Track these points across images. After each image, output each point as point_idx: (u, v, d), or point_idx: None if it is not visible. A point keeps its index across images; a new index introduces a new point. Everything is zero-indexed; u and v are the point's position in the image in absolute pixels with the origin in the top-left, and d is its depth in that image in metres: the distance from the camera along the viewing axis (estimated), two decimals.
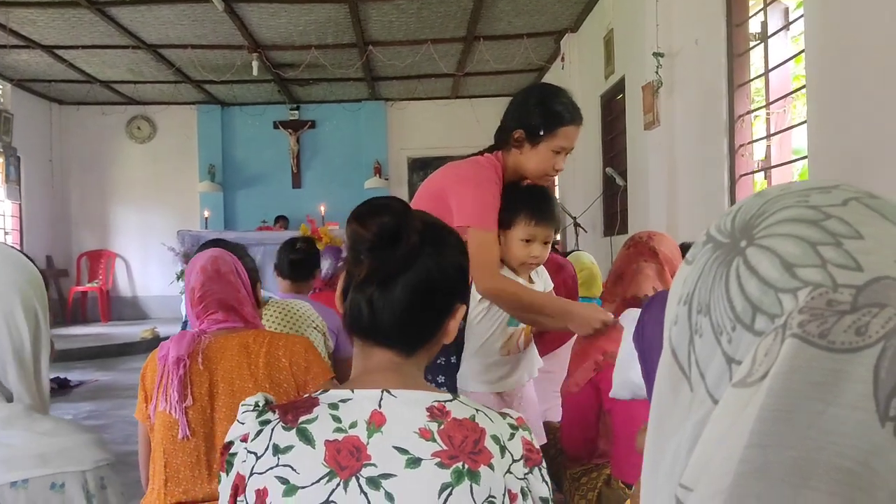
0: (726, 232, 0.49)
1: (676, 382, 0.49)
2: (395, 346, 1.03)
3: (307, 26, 7.53)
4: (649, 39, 5.01)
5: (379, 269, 0.99)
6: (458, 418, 0.97)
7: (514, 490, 0.96)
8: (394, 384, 0.99)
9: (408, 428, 0.95)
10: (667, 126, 4.99)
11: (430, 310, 1.03)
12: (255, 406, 1.00)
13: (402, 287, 1.00)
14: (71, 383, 6.01)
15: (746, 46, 4.23)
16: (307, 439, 0.93)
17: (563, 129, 2.21)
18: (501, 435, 0.99)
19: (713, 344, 0.47)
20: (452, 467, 0.93)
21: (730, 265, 0.47)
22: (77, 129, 10.68)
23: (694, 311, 0.49)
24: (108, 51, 8.09)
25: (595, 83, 6.98)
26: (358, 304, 1.01)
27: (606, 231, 6.71)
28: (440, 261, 1.03)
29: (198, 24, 7.31)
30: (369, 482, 0.91)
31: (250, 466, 0.94)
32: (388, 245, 0.99)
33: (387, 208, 1.03)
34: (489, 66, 8.71)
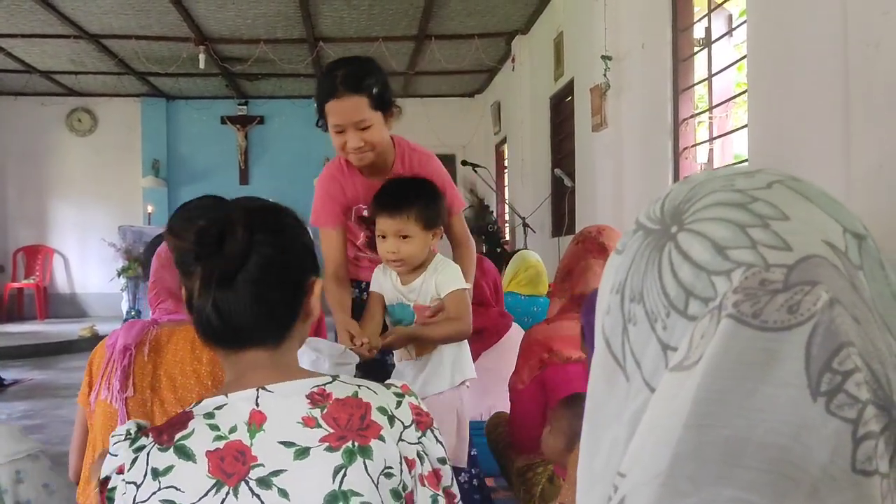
0: (656, 219, 0.49)
1: (611, 373, 0.49)
2: (258, 343, 0.99)
3: (256, 20, 7.42)
4: (598, 42, 5.07)
5: (212, 273, 0.94)
6: (340, 398, 0.96)
7: (411, 456, 0.96)
8: (268, 380, 0.96)
9: (290, 420, 0.93)
10: (614, 128, 5.07)
11: (283, 295, 1.00)
12: (126, 434, 0.95)
13: (242, 283, 0.95)
14: (5, 382, 5.81)
15: (691, 51, 4.32)
16: (186, 455, 0.90)
17: (327, 106, 2.09)
18: (388, 405, 0.98)
19: (648, 331, 0.47)
20: (342, 448, 0.91)
21: (661, 251, 0.47)
22: (14, 120, 10.31)
23: (626, 300, 0.49)
24: (48, 40, 7.83)
25: (545, 85, 7.04)
26: (205, 313, 0.96)
27: (555, 231, 6.77)
28: (277, 243, 0.99)
29: (142, 14, 7.14)
30: (260, 483, 0.89)
31: (132, 497, 0.90)
32: (214, 247, 0.95)
33: (200, 211, 1.01)
34: (440, 66, 8.72)
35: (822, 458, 0.38)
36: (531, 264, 3.86)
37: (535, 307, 3.70)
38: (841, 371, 0.39)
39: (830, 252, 0.43)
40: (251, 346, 0.99)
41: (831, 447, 0.38)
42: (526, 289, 3.80)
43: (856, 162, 2.55)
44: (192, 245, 0.95)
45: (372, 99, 2.05)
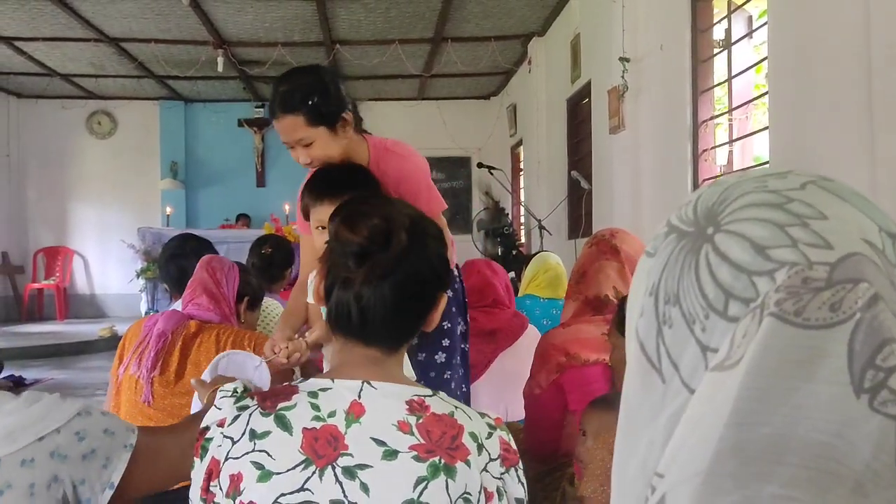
0: (689, 221, 0.49)
1: (646, 375, 0.49)
2: (382, 343, 1.03)
3: (274, 23, 7.47)
4: (615, 44, 5.06)
5: (370, 271, 0.98)
6: (437, 413, 0.98)
7: (490, 489, 0.96)
8: (374, 377, 0.99)
9: (387, 420, 0.95)
10: (632, 130, 5.05)
11: (418, 305, 1.04)
12: (233, 392, 0.99)
13: (391, 287, 0.99)
14: (26, 381, 5.87)
15: (710, 53, 4.30)
16: (285, 426, 0.93)
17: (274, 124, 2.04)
18: (479, 433, 0.99)
19: (686, 333, 0.46)
20: (429, 461, 0.93)
21: (698, 253, 0.47)
22: (36, 123, 10.43)
23: (661, 302, 0.48)
24: (69, 43, 7.92)
25: (561, 87, 7.03)
26: (346, 305, 1.00)
27: (571, 234, 6.76)
28: (426, 255, 1.03)
29: (162, 18, 7.20)
30: (345, 472, 0.91)
31: (226, 451, 0.93)
32: (378, 248, 0.99)
33: (375, 209, 1.03)
34: (456, 68, 8.73)
35: (865, 454, 0.38)
36: (550, 266, 3.85)
37: (553, 310, 3.69)
38: (884, 367, 0.39)
39: (869, 250, 0.43)
40: (371, 344, 1.02)
41: (874, 443, 0.38)
42: (545, 291, 3.79)
43: (881, 164, 2.52)
44: (363, 240, 0.99)
45: (309, 116, 1.95)
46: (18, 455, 0.96)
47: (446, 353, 2.38)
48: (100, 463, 1.05)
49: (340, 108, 2.01)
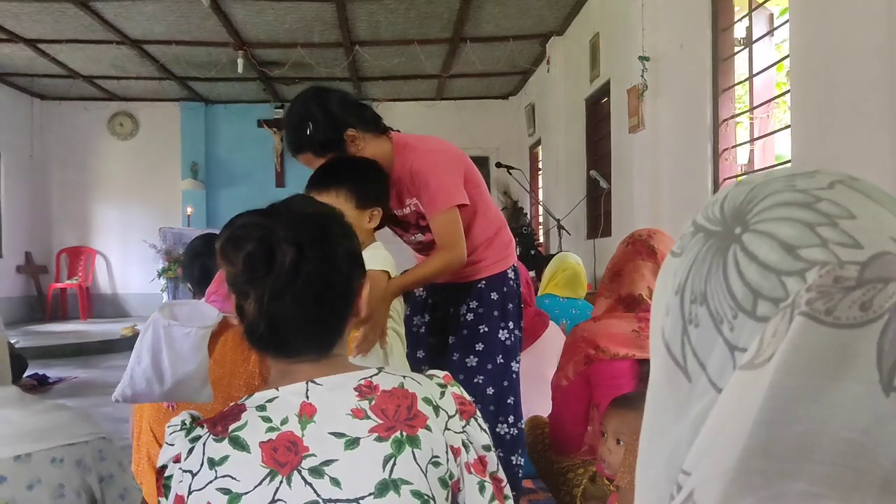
0: (716, 220, 0.49)
1: (671, 374, 0.49)
2: (306, 353, 1.01)
3: (293, 24, 7.51)
4: (635, 43, 5.05)
5: (263, 293, 0.96)
6: (386, 389, 0.98)
7: (456, 445, 0.98)
8: (317, 374, 0.99)
9: (339, 412, 0.95)
10: (652, 129, 5.04)
11: (330, 307, 1.01)
12: (181, 425, 0.98)
13: (292, 299, 0.96)
14: (50, 380, 5.95)
15: (731, 51, 4.28)
16: (241, 446, 0.93)
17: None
18: (432, 395, 1.00)
19: (713, 333, 0.47)
20: (391, 438, 0.94)
21: (726, 253, 0.47)
22: (58, 124, 10.56)
23: (687, 301, 0.49)
24: (91, 45, 8.01)
25: (580, 86, 7.02)
26: (257, 327, 0.98)
27: (590, 234, 6.75)
28: (327, 257, 0.99)
29: (183, 19, 7.27)
30: (312, 472, 0.91)
31: (188, 485, 0.93)
32: (262, 271, 0.96)
33: (249, 232, 0.98)
34: (474, 68, 8.74)
35: (894, 451, 0.38)
36: (569, 265, 3.85)
37: (573, 309, 3.69)
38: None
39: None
40: (301, 356, 1.01)
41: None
42: (564, 290, 3.79)
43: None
44: (242, 272, 0.97)
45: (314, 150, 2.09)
46: (49, 453, 0.98)
47: (478, 358, 2.34)
48: (117, 492, 1.07)
49: (338, 132, 2.07)
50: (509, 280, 2.41)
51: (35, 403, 1.03)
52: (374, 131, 2.17)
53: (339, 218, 1.06)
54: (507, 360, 2.37)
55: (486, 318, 2.35)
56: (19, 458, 0.96)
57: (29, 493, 0.96)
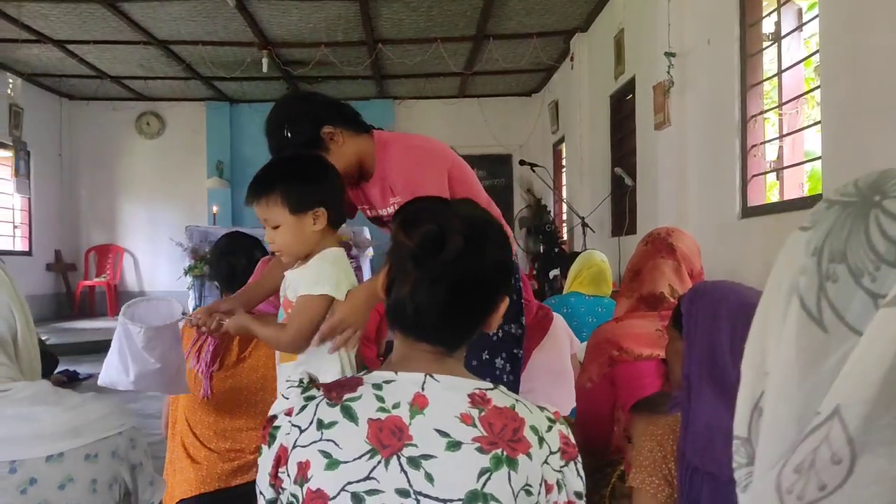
0: (852, 193, 0.56)
1: (804, 328, 0.55)
2: (437, 342, 1.04)
3: (317, 24, 7.55)
4: (661, 39, 5.01)
5: (423, 274, 1.00)
6: (498, 406, 0.99)
7: (550, 481, 0.98)
8: (436, 370, 1.01)
9: (449, 412, 0.97)
10: (678, 126, 5.00)
11: (472, 308, 1.04)
12: (299, 382, 1.02)
13: (445, 290, 1.00)
14: (80, 376, 6.03)
15: (759, 47, 4.23)
16: (351, 416, 0.95)
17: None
18: (540, 426, 1.00)
19: (852, 287, 0.53)
20: (492, 453, 0.94)
21: (867, 216, 0.54)
22: (87, 124, 10.71)
23: (825, 261, 0.55)
24: (119, 46, 8.11)
25: (604, 83, 6.98)
26: (402, 304, 1.02)
27: (615, 231, 6.71)
28: (481, 259, 1.03)
29: (209, 20, 7.33)
30: (410, 462, 0.93)
31: (294, 439, 0.96)
32: (431, 252, 1.00)
33: (430, 214, 1.05)
34: (498, 66, 8.72)
35: None
36: (594, 263, 3.83)
37: (599, 307, 3.67)
38: None
39: None
40: (430, 342, 1.04)
41: None
42: (589, 288, 3.76)
43: None
44: (416, 246, 1.01)
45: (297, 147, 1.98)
46: (83, 450, 0.98)
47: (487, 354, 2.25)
48: (147, 479, 1.08)
49: (314, 130, 2.00)
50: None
51: (69, 397, 1.03)
52: (355, 129, 2.07)
53: (499, 225, 1.11)
54: (492, 356, 2.24)
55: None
56: (51, 458, 0.95)
57: (61, 492, 0.95)
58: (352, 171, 2.05)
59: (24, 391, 0.98)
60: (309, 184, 1.77)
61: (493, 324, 1.07)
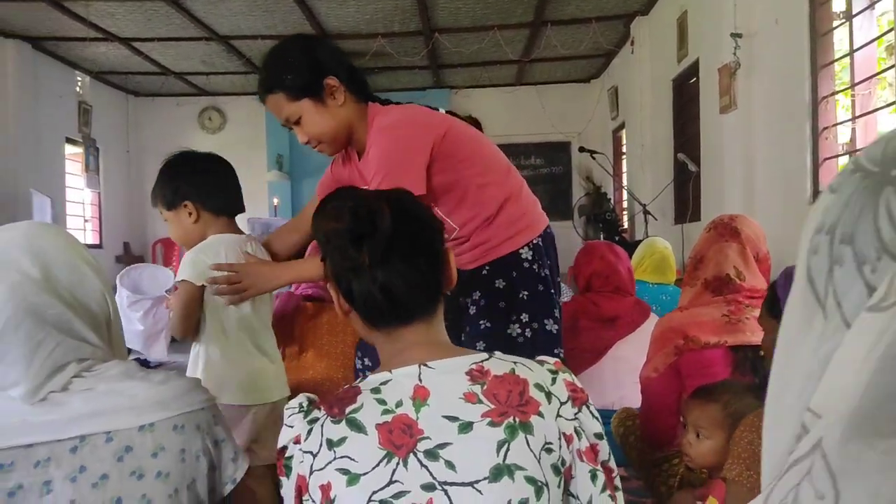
0: (877, 160, 0.47)
1: (811, 312, 0.49)
2: (418, 316, 1.04)
3: (374, 14, 7.58)
4: (727, 20, 4.87)
5: (373, 249, 0.99)
6: (498, 375, 0.98)
7: (569, 432, 0.97)
8: (427, 357, 1.00)
9: (452, 395, 0.96)
10: (744, 109, 4.85)
11: (429, 265, 1.04)
12: (299, 408, 1.01)
13: (398, 258, 1.00)
14: (151, 364, 6.21)
15: (830, 26, 4.07)
16: (358, 428, 0.94)
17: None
18: (544, 381, 1.00)
19: (854, 274, 0.46)
20: (504, 423, 0.94)
21: (879, 194, 0.45)
22: (152, 120, 11.00)
23: (836, 241, 0.47)
24: (182, 43, 8.29)
25: (667, 67, 6.83)
26: (369, 294, 1.01)
27: (678, 218, 6.57)
28: (417, 216, 1.04)
29: (268, 14, 7.43)
30: (427, 455, 0.92)
31: (309, 465, 0.95)
32: (369, 226, 1.00)
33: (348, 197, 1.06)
34: (556, 52, 8.61)
35: None
36: (657, 250, 3.76)
37: (663, 295, 3.60)
38: None
39: None
40: (412, 320, 1.03)
41: None
42: (652, 276, 3.70)
43: None
44: (351, 224, 1.01)
45: (287, 91, 1.84)
46: (170, 421, 1.04)
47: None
48: (229, 455, 1.13)
49: (319, 75, 1.84)
50: (523, 262, 1.94)
51: (154, 375, 1.09)
52: (357, 93, 1.92)
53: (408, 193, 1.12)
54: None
55: (488, 311, 1.94)
56: (143, 427, 1.01)
57: (154, 460, 1.01)
58: (342, 134, 1.93)
59: (114, 369, 1.05)
60: (169, 182, 1.95)
61: (452, 277, 1.08)
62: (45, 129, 8.56)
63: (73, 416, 0.98)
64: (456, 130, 1.92)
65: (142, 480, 0.99)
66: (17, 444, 0.94)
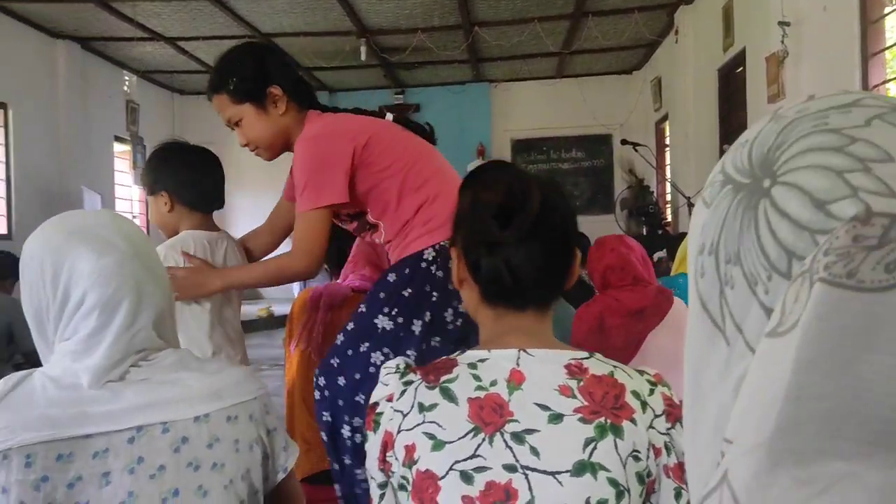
0: (745, 170, 0.44)
1: (711, 337, 0.46)
2: (535, 305, 1.03)
3: (414, 9, 7.59)
4: (774, 7, 4.76)
5: (517, 230, 0.98)
6: (596, 375, 0.98)
7: (658, 445, 0.96)
8: (529, 345, 1.00)
9: (547, 385, 0.96)
10: (793, 98, 4.71)
11: (561, 261, 1.04)
12: (396, 368, 1.03)
13: (538, 242, 0.99)
14: None
15: (881, 12, 3.96)
16: (450, 397, 0.96)
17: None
18: (641, 390, 0.98)
19: (748, 295, 0.43)
20: (595, 422, 0.94)
21: (756, 209, 0.42)
22: (196, 118, 11.16)
23: (722, 262, 0.45)
24: (225, 41, 8.39)
25: (712, 56, 6.71)
26: (497, 271, 1.00)
27: None
28: (560, 208, 1.03)
29: (309, 11, 7.50)
30: (514, 437, 0.93)
31: (398, 424, 0.98)
32: (518, 203, 0.99)
33: (503, 172, 1.04)
34: (597, 43, 8.53)
35: None
36: None
37: None
38: None
39: None
40: (527, 307, 1.03)
41: None
42: None
43: None
44: (503, 198, 1.00)
45: (231, 93, 1.91)
46: (225, 412, 1.04)
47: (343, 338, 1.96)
48: (280, 445, 1.13)
49: (264, 83, 1.91)
50: (422, 262, 1.90)
51: (208, 364, 1.09)
52: (300, 103, 1.98)
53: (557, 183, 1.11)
54: (370, 350, 1.89)
55: (369, 297, 1.95)
56: (198, 418, 1.02)
57: (209, 450, 1.01)
58: (279, 141, 1.98)
59: (168, 358, 1.05)
60: (152, 169, 2.02)
61: (573, 276, 1.06)
62: (94, 128, 8.77)
63: (130, 407, 0.98)
64: (379, 140, 1.93)
65: (198, 472, 1.00)
66: (75, 434, 0.94)
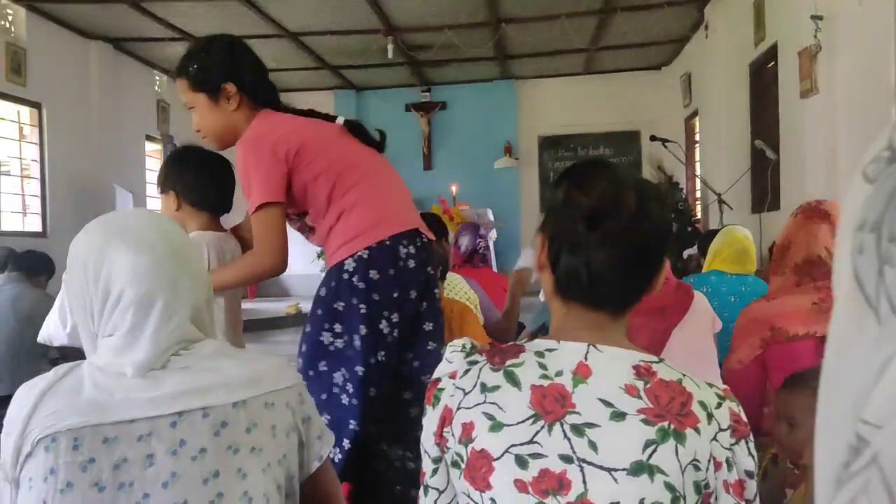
0: None
1: (861, 315, 0.45)
2: (609, 307, 1.02)
3: (441, 7, 7.59)
4: (806, 2, 4.70)
5: (603, 235, 0.97)
6: (664, 380, 0.96)
7: (720, 459, 0.94)
8: (599, 341, 0.99)
9: (613, 382, 0.95)
10: (826, 94, 4.68)
11: (645, 269, 1.02)
12: (462, 347, 1.04)
13: (621, 251, 0.98)
14: None
15: None
16: (514, 381, 0.96)
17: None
18: (708, 402, 0.97)
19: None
20: (658, 425, 0.93)
21: None
22: None
23: (885, 240, 0.43)
24: (254, 41, 8.40)
25: (743, 51, 6.64)
26: (576, 269, 0.99)
27: (755, 208, 6.38)
28: (652, 218, 1.00)
29: (337, 10, 7.53)
30: (573, 429, 0.93)
31: (458, 401, 0.98)
32: (609, 209, 0.97)
33: (602, 172, 1.02)
34: (625, 39, 8.46)
35: None
36: (737, 239, 3.65)
37: (742, 286, 3.50)
38: None
39: None
40: (601, 308, 1.01)
41: None
42: (732, 266, 3.60)
43: None
44: (594, 202, 0.98)
45: (189, 80, 2.01)
46: (262, 398, 1.08)
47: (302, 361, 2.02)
48: (315, 434, 1.16)
49: (220, 78, 1.99)
50: (343, 273, 1.95)
51: (244, 353, 1.14)
52: (256, 102, 2.07)
53: (657, 188, 1.09)
54: (330, 369, 1.95)
55: (310, 316, 2.03)
56: (237, 404, 1.05)
57: (248, 435, 1.05)
58: (227, 135, 2.07)
59: (207, 347, 1.09)
60: (165, 169, 2.14)
61: (657, 285, 1.04)
62: (126, 128, 8.89)
63: (172, 393, 1.02)
64: (311, 146, 1.99)
65: (237, 455, 1.04)
66: (120, 419, 1.00)
